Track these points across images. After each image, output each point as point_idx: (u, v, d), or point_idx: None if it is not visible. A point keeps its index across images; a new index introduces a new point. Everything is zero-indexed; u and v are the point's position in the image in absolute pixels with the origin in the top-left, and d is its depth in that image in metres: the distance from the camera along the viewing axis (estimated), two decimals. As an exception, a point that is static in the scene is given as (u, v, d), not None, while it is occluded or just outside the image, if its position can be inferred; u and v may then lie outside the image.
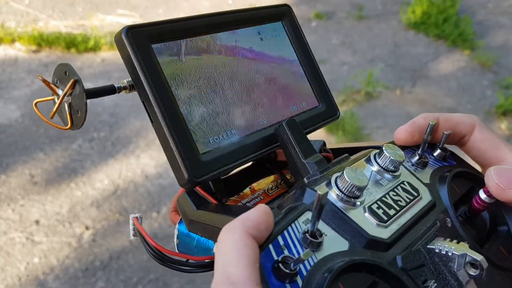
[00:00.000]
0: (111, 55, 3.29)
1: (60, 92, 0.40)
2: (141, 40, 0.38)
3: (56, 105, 0.40)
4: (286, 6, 0.50)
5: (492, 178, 0.39)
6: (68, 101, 0.40)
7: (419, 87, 3.18)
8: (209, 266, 0.39)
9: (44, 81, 0.39)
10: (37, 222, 2.03)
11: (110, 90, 0.40)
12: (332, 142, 2.56)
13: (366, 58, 3.46)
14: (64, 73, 0.40)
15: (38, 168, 2.31)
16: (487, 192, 0.40)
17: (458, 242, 0.35)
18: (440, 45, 3.69)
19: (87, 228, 2.02)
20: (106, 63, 3.19)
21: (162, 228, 2.03)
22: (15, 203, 2.11)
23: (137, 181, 2.27)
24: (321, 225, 0.33)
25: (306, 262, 0.30)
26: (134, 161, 2.38)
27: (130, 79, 0.40)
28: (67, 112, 0.41)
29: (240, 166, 0.42)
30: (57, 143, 2.47)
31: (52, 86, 0.41)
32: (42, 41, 3.26)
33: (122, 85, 0.40)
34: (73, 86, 0.39)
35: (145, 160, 2.39)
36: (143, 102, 0.39)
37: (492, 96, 3.11)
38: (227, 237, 0.29)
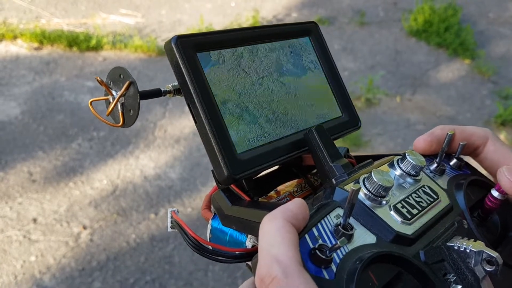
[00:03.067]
0: (113, 55, 3.29)
1: (115, 93, 0.43)
2: (188, 48, 0.42)
3: (112, 104, 0.43)
4: (313, 23, 0.54)
5: (504, 174, 0.42)
6: (121, 101, 0.43)
7: (419, 94, 3.19)
8: (242, 257, 0.42)
9: (101, 82, 0.43)
10: (34, 220, 2.03)
11: (157, 93, 0.44)
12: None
13: (367, 65, 3.47)
14: (119, 75, 0.43)
15: (37, 166, 2.30)
16: (499, 189, 0.43)
17: (475, 241, 0.38)
18: (441, 53, 3.71)
19: (84, 227, 2.02)
20: (108, 62, 3.20)
21: (160, 230, 2.03)
22: (13, 201, 2.11)
23: (136, 181, 2.27)
24: (351, 221, 0.36)
25: (339, 251, 0.33)
26: (133, 162, 2.38)
27: (174, 83, 0.44)
28: (120, 111, 0.44)
29: (272, 166, 0.46)
30: (57, 141, 2.47)
31: (107, 87, 0.44)
32: (44, 39, 3.26)
33: (167, 89, 0.44)
34: (127, 87, 0.42)
35: (144, 161, 2.39)
36: (188, 104, 0.42)
37: (491, 106, 3.12)
38: (270, 225, 0.33)
